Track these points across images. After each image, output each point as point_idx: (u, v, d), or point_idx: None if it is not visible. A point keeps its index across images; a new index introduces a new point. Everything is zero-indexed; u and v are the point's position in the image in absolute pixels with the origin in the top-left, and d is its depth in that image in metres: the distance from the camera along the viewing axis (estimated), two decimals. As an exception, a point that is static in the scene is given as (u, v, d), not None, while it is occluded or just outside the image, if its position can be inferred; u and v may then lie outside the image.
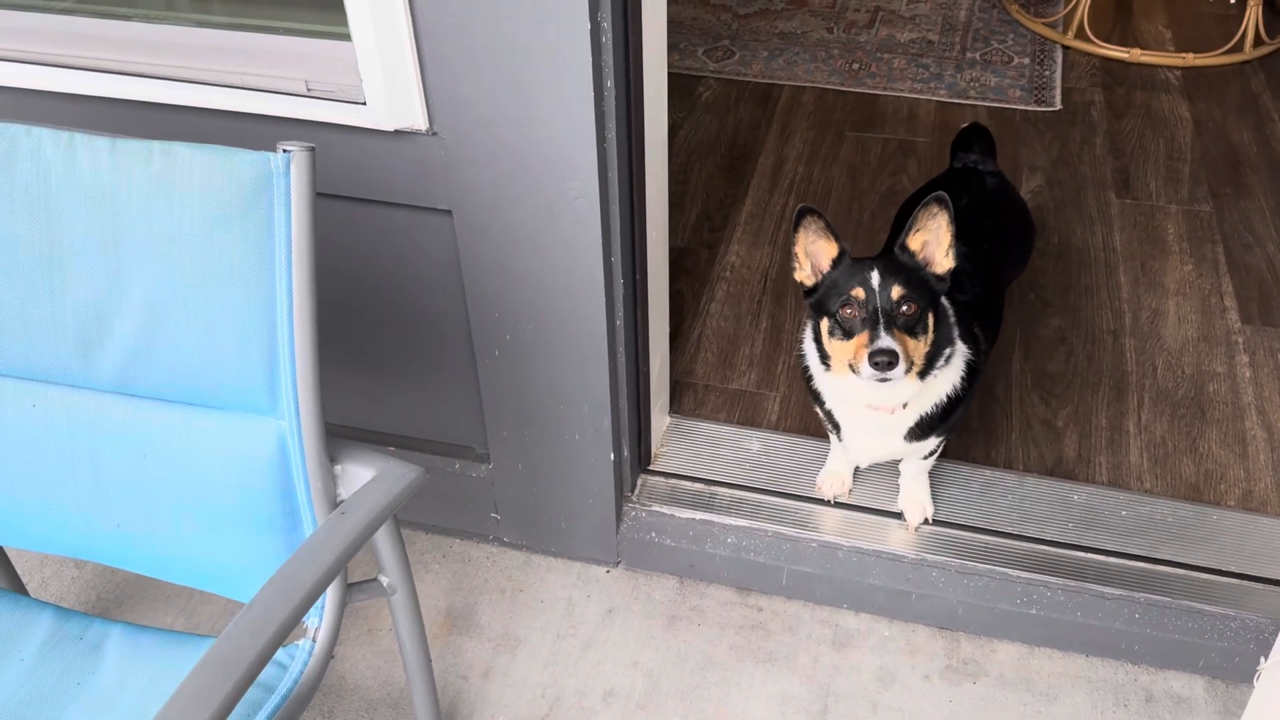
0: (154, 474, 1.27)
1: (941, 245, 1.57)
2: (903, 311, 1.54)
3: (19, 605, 1.39)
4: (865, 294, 1.54)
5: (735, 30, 3.61)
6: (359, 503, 1.20)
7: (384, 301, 1.74)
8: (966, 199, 2.01)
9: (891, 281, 1.54)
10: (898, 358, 1.48)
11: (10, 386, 1.29)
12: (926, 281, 1.58)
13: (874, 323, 1.53)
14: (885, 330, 1.51)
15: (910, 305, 1.54)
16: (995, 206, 2.06)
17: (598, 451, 1.81)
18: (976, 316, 1.78)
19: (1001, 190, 2.12)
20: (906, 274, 1.56)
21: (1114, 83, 3.27)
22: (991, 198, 2.08)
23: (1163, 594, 1.78)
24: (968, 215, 1.94)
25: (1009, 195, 2.14)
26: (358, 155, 1.52)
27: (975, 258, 1.85)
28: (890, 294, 1.53)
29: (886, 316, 1.53)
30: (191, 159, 1.14)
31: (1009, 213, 2.10)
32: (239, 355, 1.18)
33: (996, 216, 2.05)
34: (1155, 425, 2.13)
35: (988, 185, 2.09)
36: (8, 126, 1.19)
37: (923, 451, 1.80)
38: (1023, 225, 2.15)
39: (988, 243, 1.94)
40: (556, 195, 1.50)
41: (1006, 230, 2.06)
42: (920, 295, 1.55)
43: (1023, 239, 2.14)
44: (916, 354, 1.56)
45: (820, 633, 1.88)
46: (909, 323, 1.54)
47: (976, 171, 2.12)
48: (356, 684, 1.83)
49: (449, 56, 1.39)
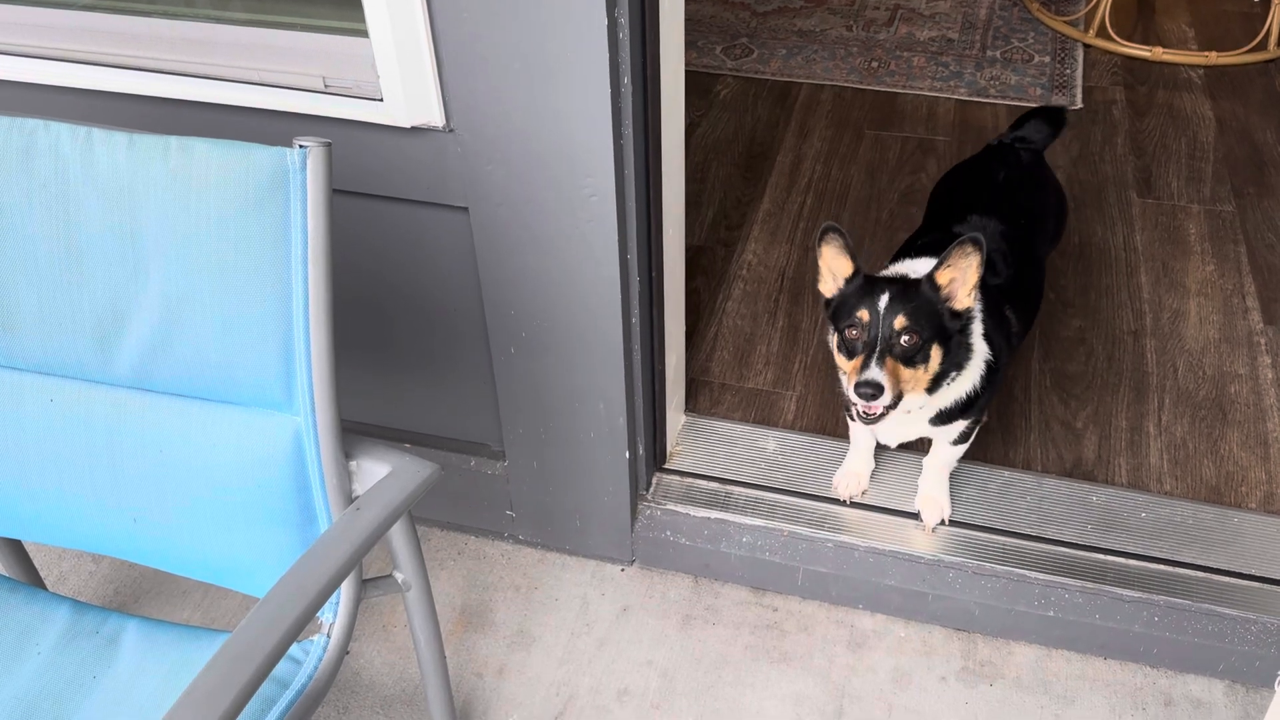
0: (171, 469, 1.27)
1: (966, 285, 1.57)
2: (903, 342, 1.55)
3: (36, 599, 1.40)
4: (869, 318, 1.56)
5: (754, 28, 3.60)
6: (374, 499, 1.20)
7: (400, 298, 1.75)
8: (1004, 173, 2.07)
9: (897, 310, 1.55)
10: (882, 390, 1.51)
11: (28, 381, 1.30)
12: (938, 315, 1.58)
13: (870, 350, 1.55)
14: (878, 361, 1.53)
15: (911, 336, 1.55)
16: (1031, 180, 2.10)
17: (613, 449, 1.81)
18: (1011, 297, 1.79)
19: (1037, 165, 2.15)
20: (917, 304, 1.56)
21: (1136, 81, 3.24)
22: (1027, 171, 2.11)
23: (1182, 597, 1.76)
24: (1005, 189, 2.02)
25: (1044, 170, 2.18)
26: (374, 152, 1.52)
27: (1012, 234, 1.88)
28: (893, 323, 1.55)
29: (885, 345, 1.55)
30: (208, 154, 1.14)
31: (1044, 187, 2.14)
32: (255, 351, 1.18)
33: (1032, 191, 2.09)
34: (1176, 427, 2.11)
35: (1023, 159, 2.13)
36: (26, 121, 1.20)
37: (951, 434, 1.80)
38: (1057, 200, 2.18)
39: (1025, 216, 1.97)
40: (573, 193, 1.50)
41: (1043, 204, 2.09)
42: (926, 327, 1.56)
43: (1058, 214, 2.17)
44: (912, 382, 1.58)
45: (836, 633, 1.88)
46: (907, 353, 1.55)
47: (1013, 147, 2.15)
48: (371, 680, 1.83)
49: (466, 53, 1.39)
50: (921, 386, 1.61)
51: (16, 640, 1.33)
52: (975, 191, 2.05)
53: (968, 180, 2.13)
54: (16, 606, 1.38)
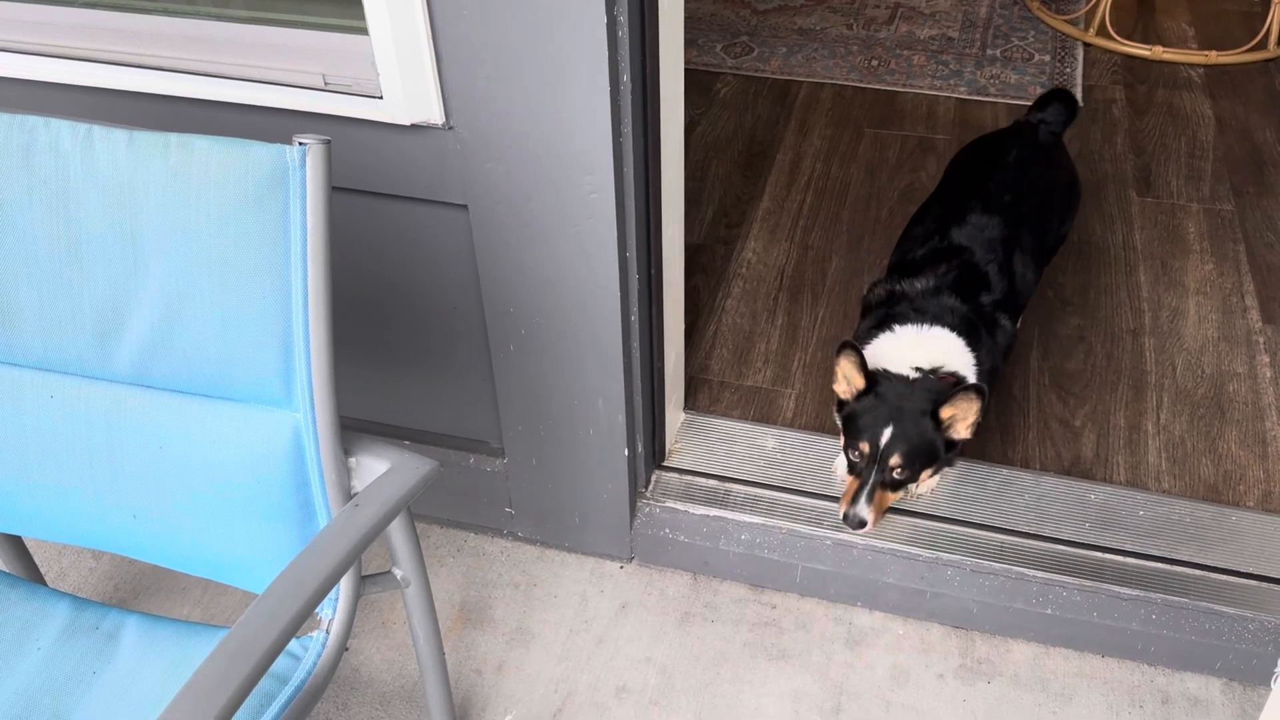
0: (170, 465, 1.27)
1: (965, 421, 1.73)
2: (894, 474, 1.75)
3: (36, 595, 1.40)
4: (870, 451, 1.75)
5: (754, 26, 3.60)
6: (373, 495, 1.20)
7: (399, 295, 1.75)
8: (1016, 151, 2.18)
9: (895, 448, 1.73)
10: (865, 524, 1.75)
11: (29, 378, 1.30)
12: (934, 449, 1.75)
13: (864, 483, 1.76)
14: (868, 498, 1.75)
15: (904, 471, 1.75)
16: (1041, 165, 2.20)
17: (612, 447, 1.81)
18: (1006, 307, 1.93)
19: (1052, 146, 2.26)
20: (916, 443, 1.73)
21: (1135, 80, 3.24)
22: (1043, 151, 2.22)
23: (1180, 595, 1.76)
24: (1014, 172, 2.12)
25: (1058, 151, 2.27)
26: (374, 149, 1.53)
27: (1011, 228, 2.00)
28: (889, 460, 1.73)
29: (878, 476, 1.75)
30: (208, 151, 1.14)
31: (1053, 172, 2.23)
32: (254, 347, 1.19)
33: (1041, 177, 2.17)
34: (1174, 425, 2.11)
35: (1040, 138, 2.24)
36: (27, 118, 1.20)
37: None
38: (1068, 185, 2.27)
39: (1029, 201, 2.07)
40: (572, 190, 1.50)
41: (1050, 188, 2.19)
42: (918, 462, 1.75)
43: (1066, 198, 2.26)
44: (898, 497, 1.82)
45: (834, 630, 1.88)
46: (897, 482, 1.76)
47: (1035, 127, 2.26)
48: (370, 676, 1.84)
49: (466, 51, 1.39)
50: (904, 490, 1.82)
51: (16, 636, 1.34)
52: (987, 170, 2.16)
53: (983, 156, 2.23)
54: (16, 602, 1.38)
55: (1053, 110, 2.30)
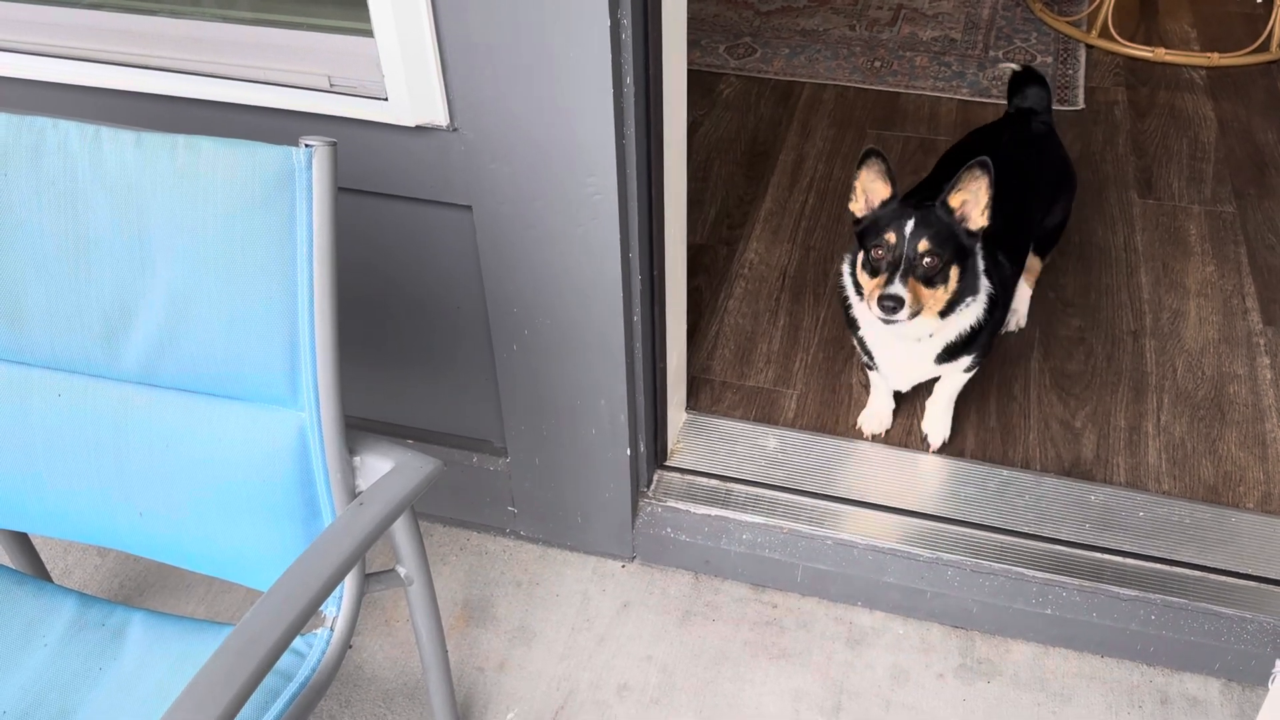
0: (176, 464, 1.28)
1: (979, 205, 1.73)
2: (925, 263, 1.71)
3: (44, 591, 1.41)
4: (895, 240, 1.72)
5: (757, 27, 3.61)
6: (377, 494, 1.21)
7: (403, 296, 1.76)
8: (1007, 135, 2.20)
9: (921, 235, 1.70)
10: (902, 304, 1.67)
11: (36, 376, 1.32)
12: (957, 237, 1.74)
13: (894, 269, 1.71)
14: (900, 279, 1.69)
15: (933, 259, 1.71)
16: (1036, 148, 2.21)
17: (614, 447, 1.82)
18: (1002, 244, 1.93)
19: (1045, 136, 2.26)
20: (938, 228, 1.72)
21: (1138, 82, 3.24)
22: (1034, 140, 2.22)
23: (1179, 596, 1.77)
24: (1006, 152, 2.08)
25: (1051, 141, 2.28)
26: (379, 150, 1.54)
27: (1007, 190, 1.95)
28: (917, 246, 1.70)
29: (908, 264, 1.71)
30: (215, 153, 1.15)
31: (1048, 155, 2.24)
32: (260, 347, 1.20)
33: (1035, 156, 2.19)
34: (1174, 426, 2.12)
35: (1034, 128, 2.24)
36: (35, 120, 1.21)
37: (958, 369, 1.97)
38: (1061, 169, 2.28)
39: (1021, 177, 2.07)
40: (575, 191, 1.51)
41: (1041, 169, 2.20)
42: (946, 250, 1.72)
43: (1059, 181, 2.26)
44: (932, 300, 1.75)
45: (834, 630, 1.89)
46: (928, 273, 1.72)
47: (1027, 116, 2.27)
48: (374, 674, 1.85)
49: (470, 53, 1.40)
50: (938, 307, 1.76)
51: (23, 632, 1.35)
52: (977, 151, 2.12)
53: (975, 142, 2.26)
54: (23, 599, 1.40)
55: (1032, 95, 2.30)
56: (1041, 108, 2.29)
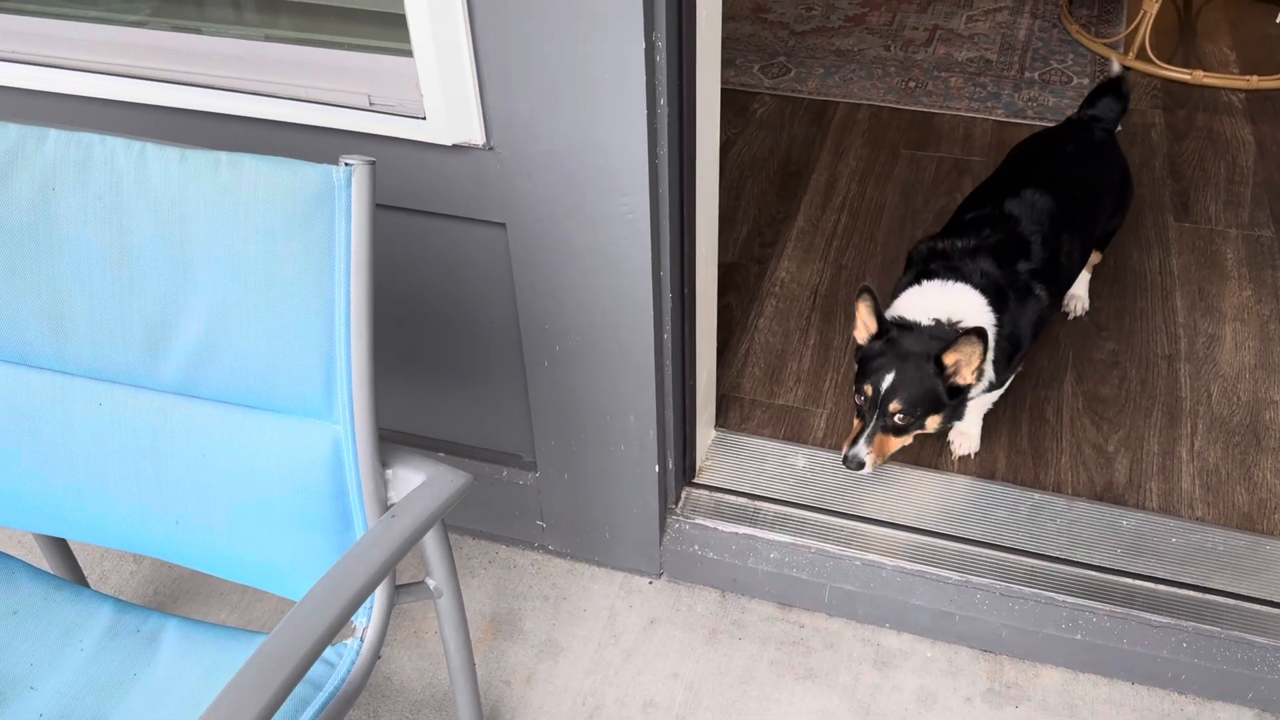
0: (213, 473, 1.31)
1: (970, 366, 1.81)
2: (895, 421, 1.83)
3: (81, 596, 1.44)
4: (872, 394, 1.83)
5: (791, 47, 3.62)
6: (409, 506, 1.23)
7: (437, 311, 1.78)
8: (1071, 146, 2.25)
9: (893, 396, 1.81)
10: (863, 465, 1.84)
11: (79, 386, 1.34)
12: (935, 395, 1.82)
13: (864, 425, 1.85)
14: (868, 440, 1.83)
15: (905, 418, 1.82)
16: (1096, 159, 2.26)
17: (643, 463, 1.83)
18: (1043, 277, 1.99)
19: (1106, 144, 2.30)
20: (917, 388, 1.81)
21: (1175, 104, 3.22)
22: (1097, 148, 2.27)
23: (1212, 624, 1.75)
24: (1070, 163, 2.21)
25: (1110, 148, 2.32)
26: (416, 168, 1.56)
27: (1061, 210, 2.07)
28: (889, 406, 1.82)
29: (878, 422, 1.83)
30: (257, 170, 1.17)
31: (1107, 166, 2.28)
32: (298, 360, 1.22)
33: (1096, 168, 2.24)
34: (1209, 452, 2.10)
35: (1095, 137, 2.28)
36: (83, 135, 1.24)
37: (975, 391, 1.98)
38: (1120, 175, 2.33)
39: (1081, 189, 2.15)
40: (608, 209, 1.52)
41: (1102, 182, 2.25)
42: (920, 409, 1.82)
43: (1118, 191, 2.32)
44: (903, 442, 1.88)
45: (861, 651, 1.88)
46: (899, 428, 1.84)
47: (1088, 124, 2.31)
48: (401, 685, 1.86)
49: (507, 74, 1.42)
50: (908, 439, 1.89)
51: (62, 636, 1.38)
52: (1037, 161, 2.24)
53: (1037, 146, 2.31)
54: (62, 604, 1.42)
55: (1104, 105, 2.34)
56: (1108, 118, 2.32)
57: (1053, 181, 2.10)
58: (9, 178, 1.25)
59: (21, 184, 1.25)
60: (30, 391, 1.36)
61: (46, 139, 1.24)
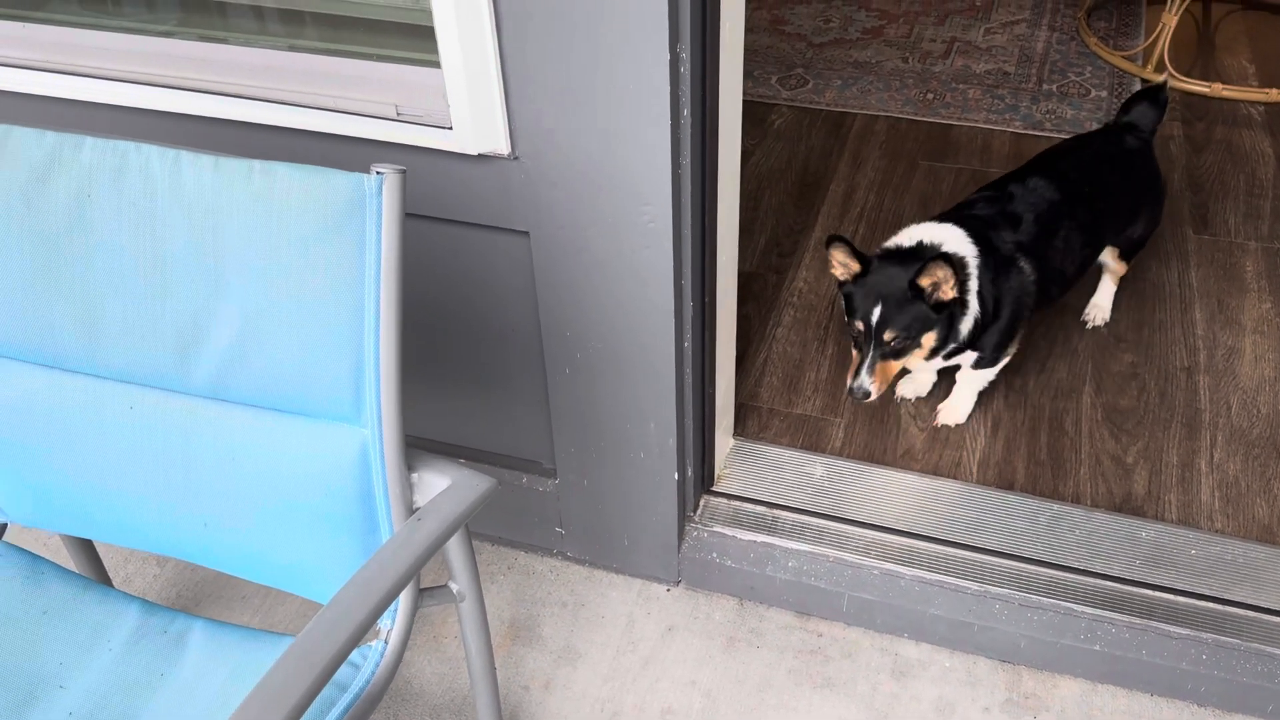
0: (242, 476, 1.32)
1: (947, 284, 1.88)
2: (892, 346, 1.91)
3: (109, 597, 1.46)
4: (864, 327, 1.91)
5: (809, 59, 3.64)
6: (434, 510, 1.24)
7: (460, 318, 1.80)
8: (1096, 147, 2.29)
9: (886, 324, 1.89)
10: (870, 394, 1.92)
11: (110, 389, 1.36)
12: (922, 315, 1.90)
13: (864, 356, 1.93)
14: (869, 369, 1.92)
15: (899, 341, 1.90)
16: (1121, 164, 2.28)
17: (662, 470, 1.84)
18: (1031, 252, 2.05)
19: (1136, 152, 2.30)
20: (905, 312, 1.89)
21: (1194, 117, 3.22)
22: (1125, 154, 2.29)
23: (1232, 636, 1.75)
24: (1088, 161, 2.25)
25: (1140, 158, 2.31)
26: (442, 177, 1.58)
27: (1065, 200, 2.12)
28: (883, 335, 1.90)
29: (876, 351, 1.91)
30: (290, 178, 1.19)
31: (1133, 173, 2.29)
32: (327, 365, 1.23)
33: (1118, 173, 2.27)
34: (1228, 464, 2.10)
35: (1126, 144, 2.30)
36: (119, 143, 1.26)
37: (967, 361, 2.10)
38: (1144, 187, 2.33)
39: (1093, 186, 2.19)
40: (631, 219, 1.54)
41: (1122, 186, 2.27)
42: (912, 329, 1.90)
43: (1138, 198, 2.32)
44: (907, 363, 1.97)
45: (880, 661, 1.89)
46: (896, 351, 1.92)
47: (1121, 131, 2.33)
48: (421, 689, 1.87)
49: (533, 86, 1.44)
50: (918, 360, 1.97)
51: (90, 636, 1.39)
52: (1059, 155, 2.27)
53: (1062, 147, 2.33)
54: (90, 604, 1.44)
55: (1139, 112, 2.35)
56: (1144, 126, 2.33)
57: (1064, 175, 2.16)
58: (46, 183, 1.28)
59: (58, 190, 1.28)
60: (62, 394, 1.38)
61: (83, 146, 1.27)
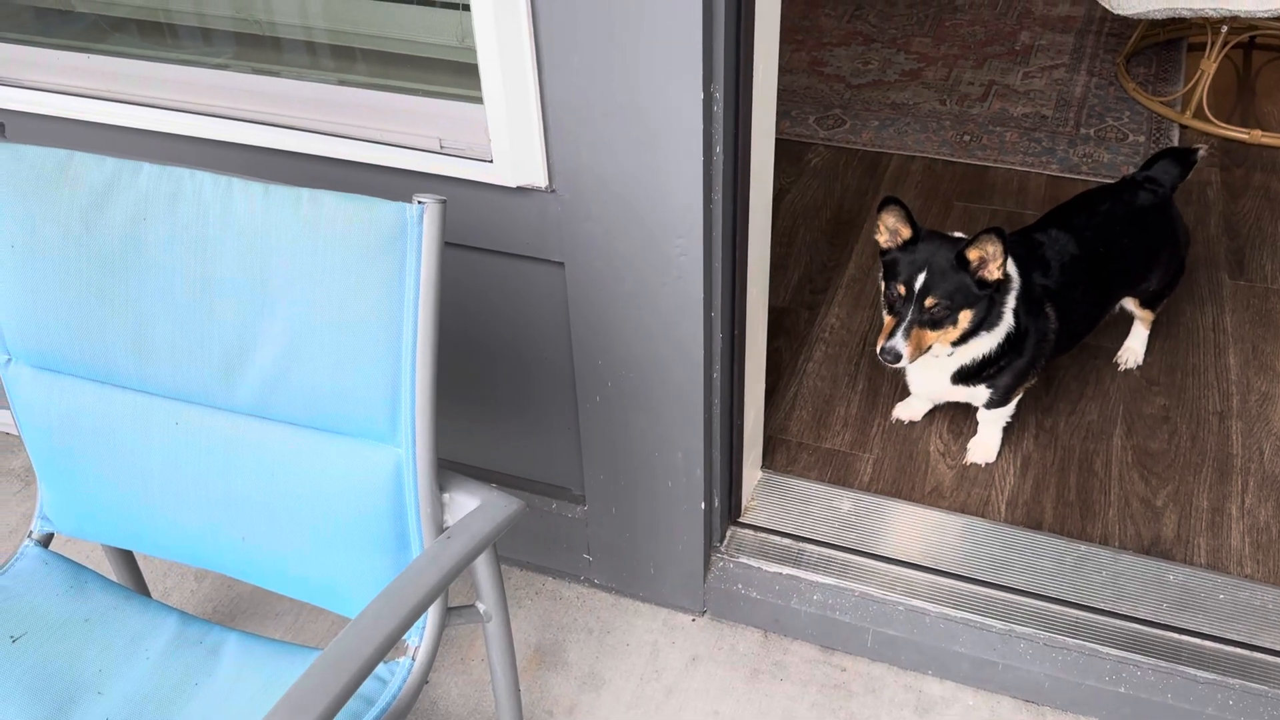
0: (281, 492, 1.37)
1: (994, 263, 1.88)
2: (931, 313, 1.89)
3: (149, 608, 1.50)
4: (905, 292, 1.90)
5: (847, 99, 3.68)
6: (464, 529, 1.28)
7: (495, 345, 1.84)
8: (1108, 205, 2.25)
9: (929, 290, 1.88)
10: (900, 357, 1.89)
11: (157, 405, 1.42)
12: (966, 288, 1.89)
13: (900, 319, 1.91)
14: (904, 332, 1.89)
15: (940, 310, 1.89)
16: (1134, 222, 2.25)
17: (689, 500, 1.87)
18: (1055, 299, 2.07)
19: (1153, 208, 2.28)
20: (949, 281, 1.88)
21: (1232, 163, 3.22)
22: (1137, 212, 2.26)
23: (1259, 682, 1.74)
24: (1101, 219, 2.22)
25: (1155, 214, 2.28)
26: (482, 208, 1.63)
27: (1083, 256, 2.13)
28: (924, 301, 1.89)
29: (914, 315, 1.89)
30: (336, 206, 1.25)
31: (1145, 230, 2.26)
32: (366, 386, 1.28)
33: (1130, 231, 2.24)
34: (1260, 510, 2.08)
35: (1139, 200, 2.27)
36: (175, 170, 1.32)
37: (975, 399, 2.13)
38: (1158, 243, 2.29)
39: (1106, 244, 2.18)
40: (663, 251, 1.58)
41: (1133, 244, 2.24)
42: (955, 300, 1.89)
43: (1151, 255, 2.28)
44: (939, 340, 1.94)
45: (903, 697, 1.89)
46: (934, 320, 1.90)
47: (1137, 185, 2.30)
48: (447, 709, 1.90)
49: (571, 121, 1.49)
50: (949, 340, 1.95)
51: (129, 644, 1.44)
52: (1073, 211, 2.26)
53: (1077, 202, 2.31)
54: (131, 614, 1.49)
55: (1160, 167, 2.34)
56: (1164, 181, 2.32)
57: (1080, 231, 2.16)
58: (105, 207, 1.34)
59: (116, 213, 1.34)
60: (111, 409, 1.44)
61: (141, 172, 1.33)
